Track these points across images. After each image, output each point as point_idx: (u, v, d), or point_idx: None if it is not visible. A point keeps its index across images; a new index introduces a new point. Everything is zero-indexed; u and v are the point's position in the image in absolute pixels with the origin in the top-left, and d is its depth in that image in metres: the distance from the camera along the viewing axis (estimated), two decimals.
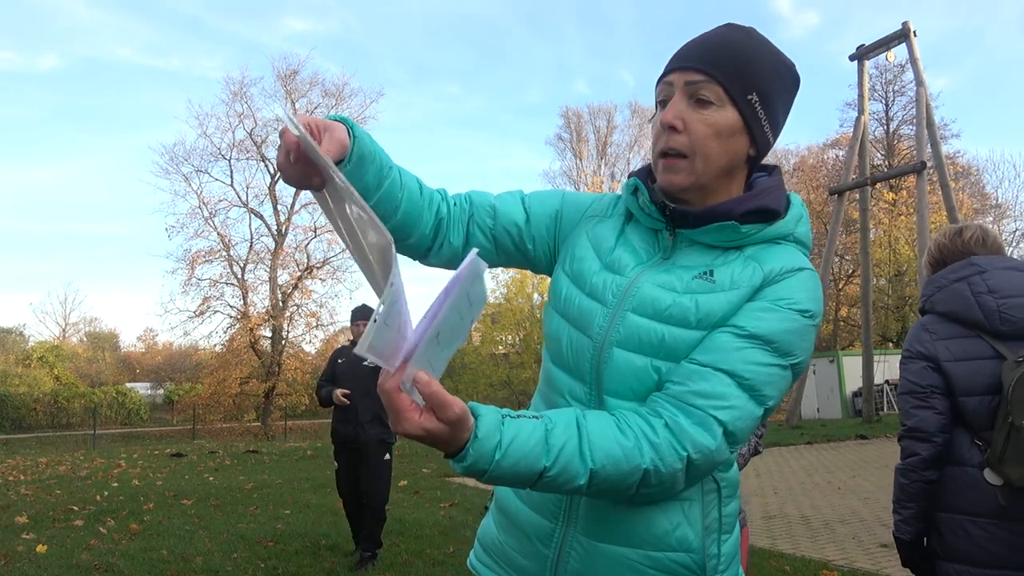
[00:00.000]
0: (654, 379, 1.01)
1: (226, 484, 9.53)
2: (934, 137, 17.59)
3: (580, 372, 1.07)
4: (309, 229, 29.28)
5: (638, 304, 1.04)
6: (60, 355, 35.88)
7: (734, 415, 0.96)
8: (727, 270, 1.04)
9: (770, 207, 1.06)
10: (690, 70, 1.03)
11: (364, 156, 0.99)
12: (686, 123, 1.02)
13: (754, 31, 1.08)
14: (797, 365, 1.01)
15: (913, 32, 17.66)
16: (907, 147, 30.72)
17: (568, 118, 39.00)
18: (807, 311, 1.01)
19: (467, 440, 0.85)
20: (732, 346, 0.98)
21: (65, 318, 44.52)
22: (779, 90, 1.06)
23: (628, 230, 1.14)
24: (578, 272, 1.12)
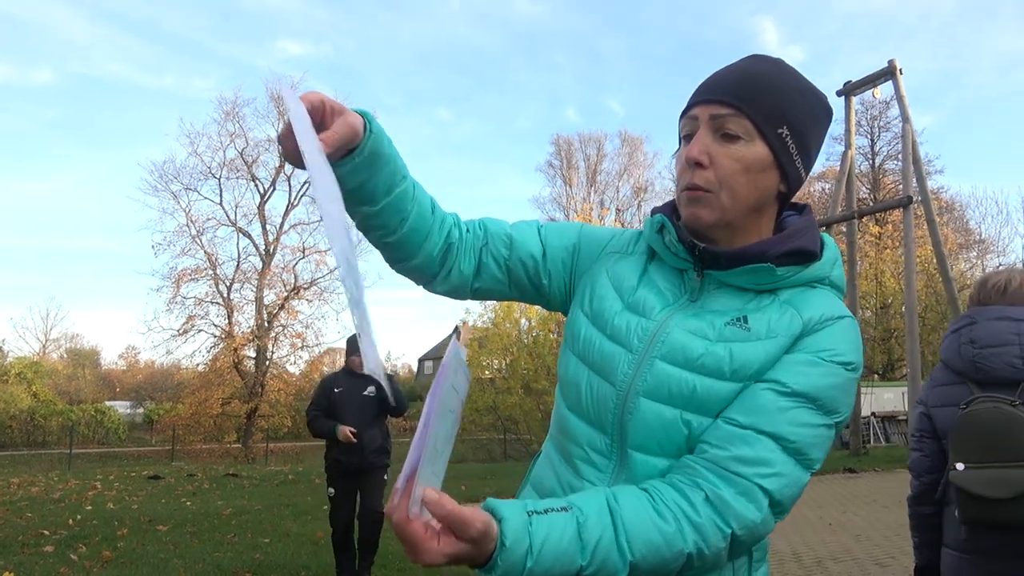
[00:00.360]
0: (683, 433, 0.93)
1: (204, 509, 9.30)
2: (920, 173, 17.79)
3: (601, 422, 0.99)
4: (297, 249, 29.18)
5: (668, 351, 0.96)
6: (39, 371, 35.27)
7: (780, 483, 0.88)
8: (762, 317, 0.96)
9: (807, 248, 0.99)
10: (715, 103, 0.97)
11: (378, 154, 0.92)
12: (712, 158, 0.96)
13: (783, 62, 1.02)
14: (841, 422, 0.94)
15: (899, 70, 17.94)
16: (892, 181, 31.12)
17: (559, 145, 39.32)
18: (850, 363, 0.94)
19: (493, 550, 0.76)
20: (775, 406, 0.90)
21: (46, 333, 43.97)
22: (811, 123, 0.99)
23: (651, 269, 1.07)
24: (598, 312, 1.05)
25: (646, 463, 0.95)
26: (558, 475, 1.04)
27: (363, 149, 0.91)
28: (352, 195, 0.95)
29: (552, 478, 1.05)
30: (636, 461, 0.96)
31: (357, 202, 0.97)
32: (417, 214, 1.02)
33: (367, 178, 0.93)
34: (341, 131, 0.86)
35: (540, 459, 1.13)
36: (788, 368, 0.92)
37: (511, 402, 21.42)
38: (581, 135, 39.62)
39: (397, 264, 1.08)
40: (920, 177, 17.93)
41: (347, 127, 0.87)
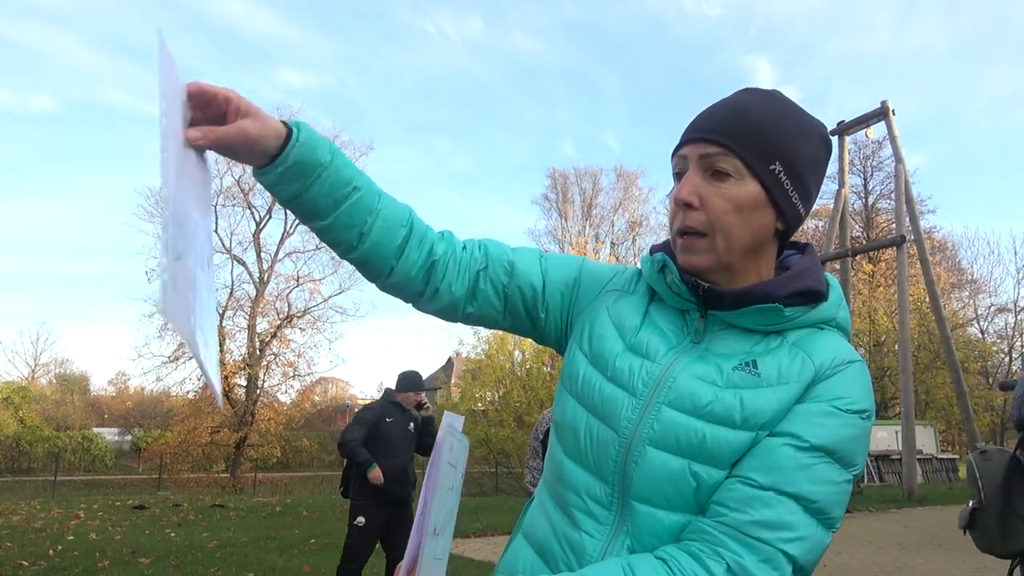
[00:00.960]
0: (691, 485, 0.88)
1: (188, 541, 9.12)
2: (913, 212, 17.96)
3: (601, 470, 0.94)
4: (292, 278, 29.13)
5: (675, 397, 0.91)
6: (27, 396, 34.88)
7: (804, 547, 0.83)
8: (772, 361, 0.92)
9: (814, 288, 0.96)
10: (704, 141, 0.93)
11: (307, 164, 0.90)
12: (702, 199, 0.92)
13: (777, 93, 0.98)
14: (857, 475, 0.90)
15: (892, 111, 18.20)
16: (885, 220, 31.39)
17: (555, 179, 39.54)
18: (865, 411, 0.90)
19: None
20: (795, 463, 0.85)
21: (36, 358, 43.52)
22: (807, 157, 0.95)
23: (652, 309, 1.02)
24: (598, 352, 1.00)
25: (651, 516, 0.90)
26: (553, 525, 0.99)
27: (285, 158, 0.89)
28: (294, 208, 0.95)
29: (546, 528, 1.00)
30: (640, 513, 0.91)
31: (304, 216, 0.96)
32: (381, 228, 0.98)
33: (301, 189, 0.92)
34: (226, 133, 0.85)
35: (533, 506, 1.07)
36: (804, 420, 0.88)
37: (503, 435, 21.24)
38: (577, 169, 39.92)
39: (376, 282, 1.05)
40: (913, 216, 18.10)
41: (239, 131, 0.86)
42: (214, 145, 0.85)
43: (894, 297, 21.63)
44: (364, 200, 0.96)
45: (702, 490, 0.89)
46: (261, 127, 0.87)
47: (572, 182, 39.34)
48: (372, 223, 0.97)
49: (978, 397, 24.61)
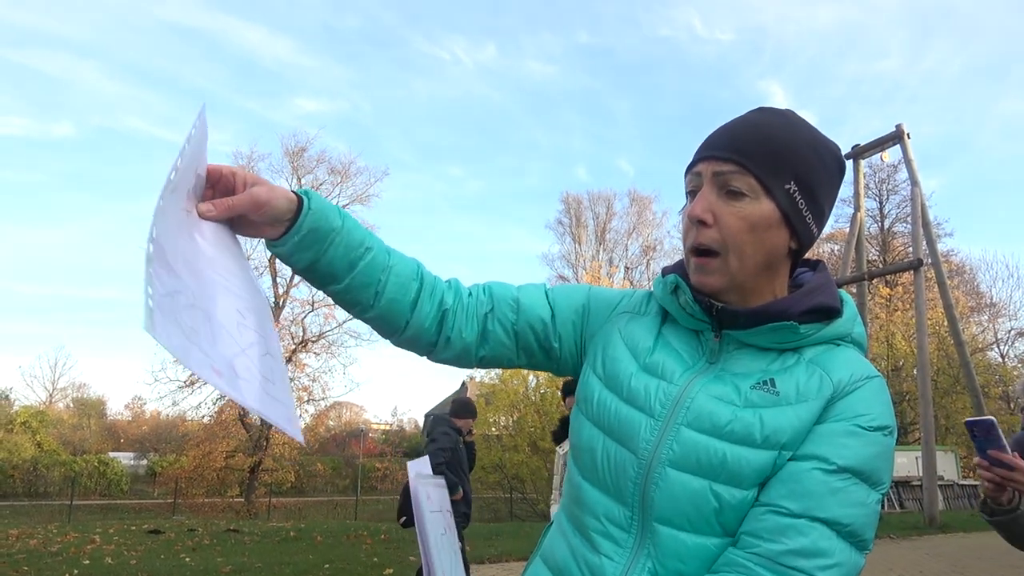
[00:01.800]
0: (713, 506, 0.88)
1: (203, 566, 9.11)
2: (930, 235, 17.86)
3: (620, 493, 0.94)
4: (307, 303, 29.29)
5: (694, 418, 0.91)
6: (44, 421, 35.12)
7: (841, 573, 0.83)
8: (790, 379, 0.92)
9: (829, 305, 0.96)
10: (718, 159, 0.93)
11: (321, 230, 0.92)
12: (716, 217, 0.92)
13: (791, 114, 0.99)
14: (885, 494, 0.90)
15: (907, 134, 18.17)
16: (901, 244, 31.19)
17: (568, 203, 39.67)
18: (886, 428, 0.90)
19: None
20: (825, 487, 0.85)
21: (53, 383, 43.85)
22: (821, 177, 0.96)
23: (665, 331, 1.03)
24: (612, 374, 1.00)
25: (673, 538, 0.89)
26: (572, 549, 0.98)
27: (300, 226, 0.90)
28: (310, 275, 0.95)
29: (565, 551, 0.99)
30: (662, 535, 0.90)
31: (321, 282, 0.96)
32: (394, 284, 0.99)
33: (318, 256, 0.93)
34: (238, 201, 0.86)
35: (552, 530, 1.06)
36: (828, 441, 0.87)
37: (518, 460, 21.11)
38: (591, 193, 40.10)
39: (391, 338, 1.06)
40: (930, 240, 17.99)
41: (249, 198, 0.87)
42: (227, 215, 0.86)
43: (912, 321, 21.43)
44: (376, 259, 0.98)
45: (724, 510, 0.88)
46: (270, 191, 0.88)
47: (586, 206, 39.48)
48: (386, 280, 0.98)
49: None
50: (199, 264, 0.76)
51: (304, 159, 30.09)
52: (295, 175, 29.83)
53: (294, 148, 30.05)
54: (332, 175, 30.28)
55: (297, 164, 29.95)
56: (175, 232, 0.74)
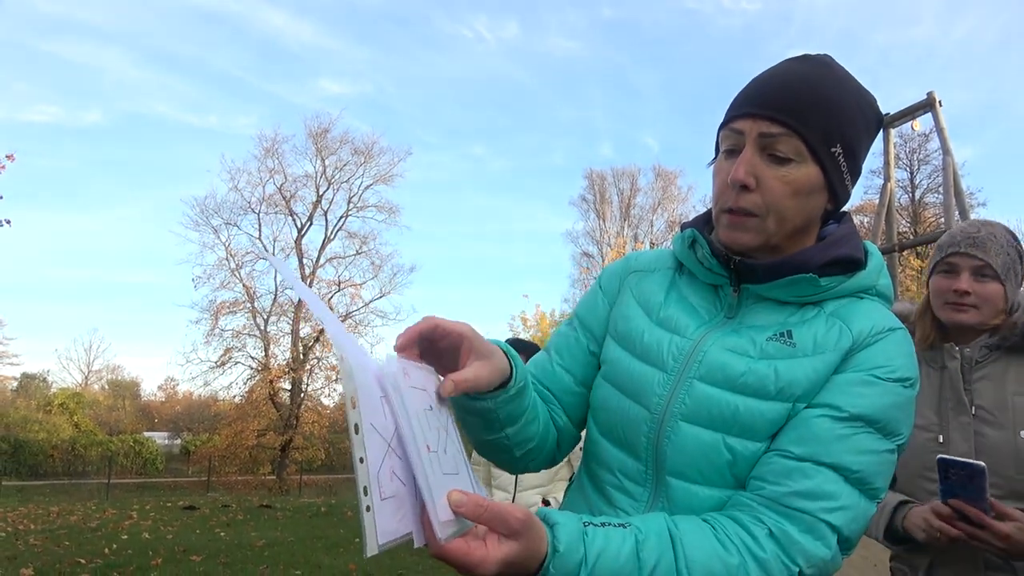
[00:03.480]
0: (726, 458, 0.87)
1: (237, 540, 9.31)
2: (962, 205, 17.43)
3: (634, 447, 0.94)
4: (333, 283, 29.56)
5: (707, 371, 0.90)
6: (81, 402, 36.01)
7: (847, 517, 0.82)
8: (808, 331, 0.90)
9: (852, 256, 0.93)
10: (765, 119, 0.88)
11: (527, 385, 0.91)
12: (760, 180, 0.88)
13: (832, 62, 0.94)
14: (903, 445, 0.87)
15: (939, 102, 17.72)
16: (932, 215, 30.57)
17: (592, 180, 39.38)
18: (908, 379, 0.88)
19: (544, 557, 0.71)
20: (834, 433, 0.83)
21: (88, 365, 44.90)
22: (862, 136, 0.92)
23: (680, 284, 1.01)
24: (624, 333, 1.00)
25: (687, 491, 0.89)
26: (589, 504, 0.99)
27: (515, 381, 0.87)
28: (504, 420, 0.91)
29: (582, 507, 1.00)
30: (675, 488, 0.90)
31: (504, 425, 0.92)
32: (539, 405, 0.99)
33: (517, 405, 0.90)
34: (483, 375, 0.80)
35: (572, 488, 1.07)
36: (842, 390, 0.86)
37: None
38: (614, 169, 39.67)
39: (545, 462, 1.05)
40: (962, 210, 17.57)
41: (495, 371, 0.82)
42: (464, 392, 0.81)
43: None
44: (532, 393, 0.96)
45: (738, 463, 0.87)
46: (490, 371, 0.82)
47: (610, 183, 39.19)
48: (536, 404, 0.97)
49: None
50: None
51: (327, 140, 30.19)
52: (319, 156, 29.97)
53: (317, 129, 30.16)
54: (355, 155, 30.36)
55: (320, 145, 30.07)
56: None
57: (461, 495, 0.68)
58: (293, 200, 29.53)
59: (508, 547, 0.68)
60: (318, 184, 30.02)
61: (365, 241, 30.16)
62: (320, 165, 30.01)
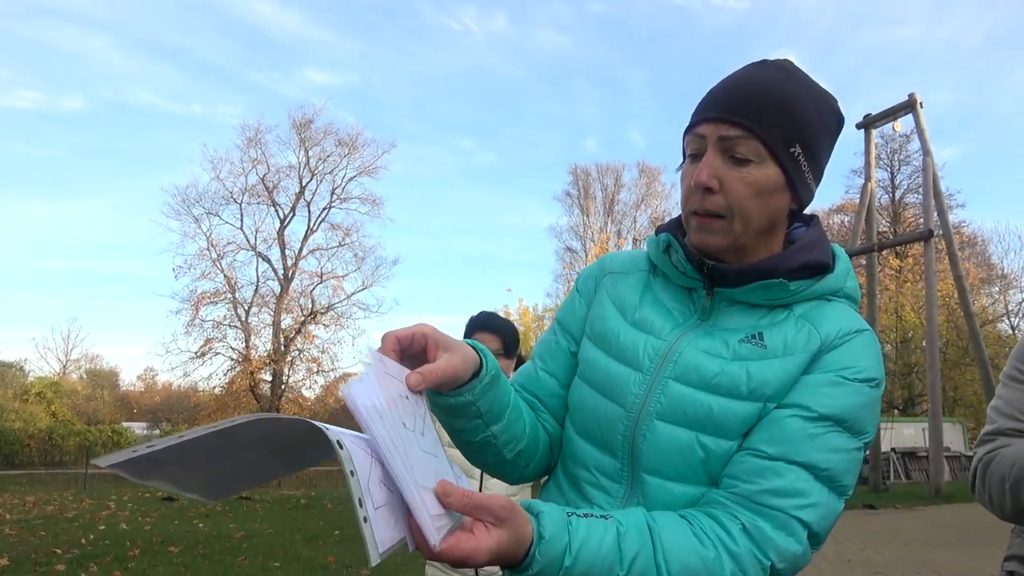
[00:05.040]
0: (700, 456, 0.90)
1: (216, 532, 9.29)
2: (941, 206, 17.71)
3: (610, 445, 0.96)
4: (315, 274, 29.44)
5: (681, 371, 0.93)
6: (58, 391, 35.59)
7: (818, 513, 0.84)
8: (778, 333, 0.93)
9: (820, 261, 0.96)
10: (724, 123, 0.91)
11: (499, 375, 0.94)
12: (723, 182, 0.91)
13: (791, 67, 0.97)
14: (868, 443, 0.91)
15: (919, 103, 17.94)
16: (912, 215, 30.96)
17: (576, 175, 39.46)
18: (874, 380, 0.91)
19: (530, 544, 0.73)
20: (804, 433, 0.86)
21: (67, 354, 44.33)
22: (822, 137, 0.95)
23: (655, 286, 1.04)
24: (601, 333, 1.02)
25: (661, 487, 0.92)
26: (566, 501, 1.01)
27: (488, 371, 0.90)
28: (487, 416, 0.94)
29: (559, 503, 1.00)
30: (650, 485, 0.92)
31: (489, 422, 0.95)
32: (525, 408, 1.02)
33: (495, 397, 0.93)
34: (444, 373, 0.82)
35: (548, 485, 1.09)
36: (811, 391, 0.88)
37: None
38: (599, 165, 39.79)
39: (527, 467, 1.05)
40: (941, 210, 17.84)
41: (465, 361, 0.85)
42: (435, 385, 0.82)
43: (922, 292, 21.36)
44: (509, 384, 0.99)
45: (711, 461, 0.90)
46: (462, 360, 0.85)
47: (594, 178, 39.28)
48: (520, 404, 1.00)
49: None
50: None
51: (311, 131, 30.02)
52: (302, 147, 29.78)
53: (301, 120, 29.97)
54: (339, 147, 30.22)
55: (304, 136, 29.89)
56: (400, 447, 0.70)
57: (448, 485, 0.71)
58: (276, 191, 29.37)
59: (496, 535, 0.71)
60: (301, 175, 29.87)
61: (348, 233, 30.08)
62: (303, 156, 29.86)
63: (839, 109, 0.98)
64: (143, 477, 0.65)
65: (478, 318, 2.67)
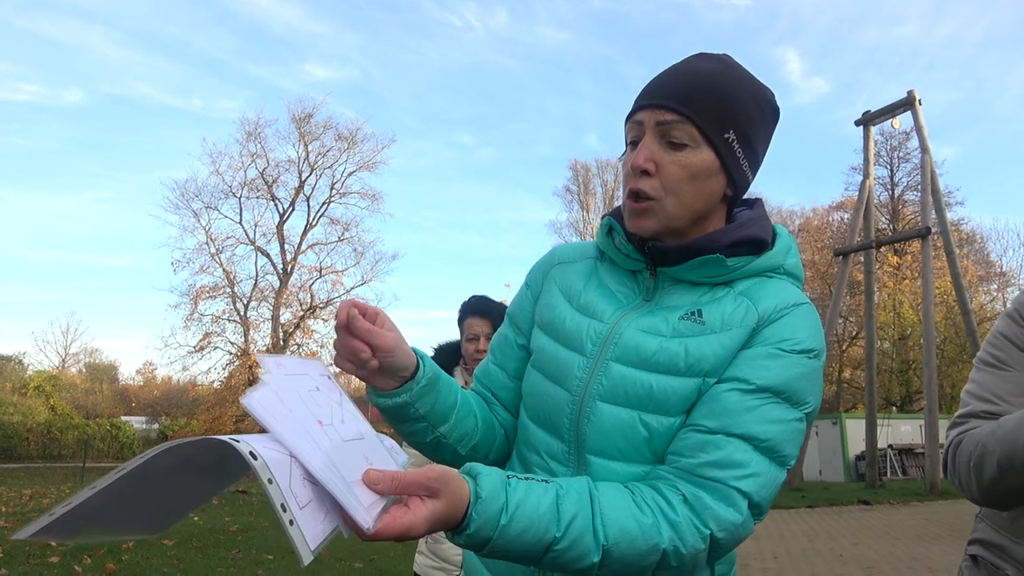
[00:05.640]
0: (643, 435, 0.92)
1: (211, 525, 9.31)
2: (939, 203, 17.69)
3: (558, 429, 0.98)
4: (314, 269, 29.47)
5: (622, 352, 0.95)
6: (57, 385, 35.61)
7: (758, 483, 0.86)
8: (717, 309, 0.95)
9: (757, 237, 0.98)
10: (661, 108, 0.94)
11: (436, 378, 0.97)
12: (658, 166, 0.94)
13: (729, 59, 1.00)
14: (811, 414, 0.92)
15: (918, 100, 17.92)
16: (912, 212, 30.94)
17: (576, 171, 39.43)
18: (812, 351, 0.92)
19: (468, 505, 0.76)
20: (742, 405, 0.88)
21: (66, 348, 44.41)
22: (758, 125, 0.98)
23: (601, 271, 1.06)
24: (548, 321, 1.05)
25: (606, 467, 0.93)
26: None
27: (425, 373, 0.94)
28: (430, 418, 0.98)
29: None
30: (595, 466, 0.94)
31: (435, 424, 0.98)
32: (477, 403, 1.06)
33: (436, 400, 0.97)
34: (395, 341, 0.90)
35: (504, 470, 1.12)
36: (749, 364, 0.90)
37: None
38: (599, 160, 39.76)
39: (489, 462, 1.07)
40: (939, 208, 17.83)
41: (403, 353, 0.92)
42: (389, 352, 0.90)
43: (920, 290, 21.36)
44: (454, 386, 1.02)
45: (654, 439, 0.92)
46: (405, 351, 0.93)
47: (594, 174, 39.26)
48: (465, 401, 1.03)
49: None
50: None
51: (311, 125, 29.99)
52: (302, 141, 29.75)
53: (301, 114, 29.95)
54: (339, 141, 30.21)
55: (304, 130, 29.87)
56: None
57: (377, 474, 0.72)
58: (275, 185, 29.39)
59: (431, 505, 0.73)
60: (301, 169, 29.87)
61: (348, 228, 30.10)
62: (303, 150, 29.85)
63: (775, 102, 1.01)
64: (73, 535, 0.64)
65: (469, 302, 2.67)
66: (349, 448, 0.73)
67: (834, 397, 30.55)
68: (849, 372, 31.46)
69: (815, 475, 23.11)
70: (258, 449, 0.64)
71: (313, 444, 0.69)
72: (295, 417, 0.70)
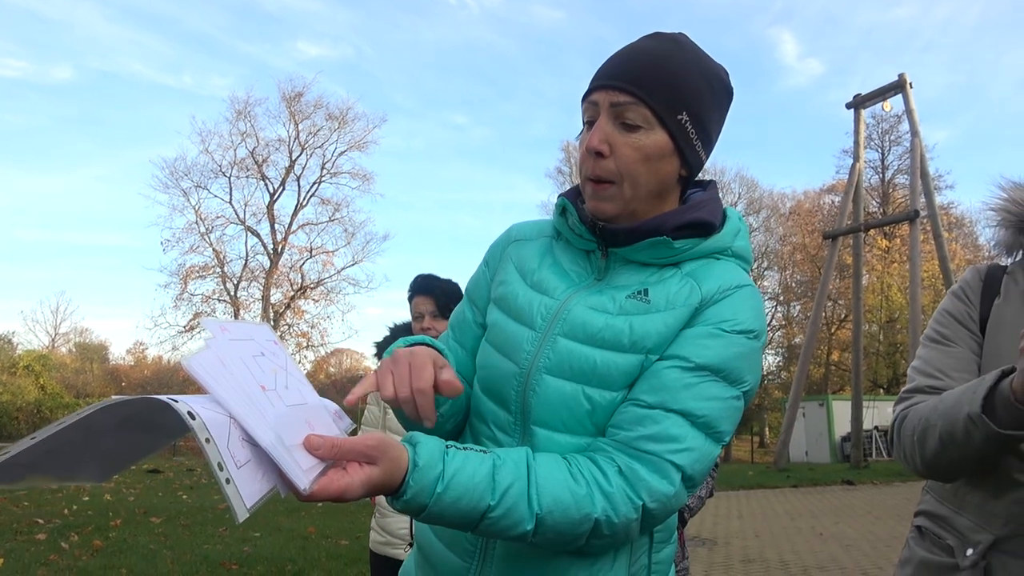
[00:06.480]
0: (585, 408, 0.95)
1: (199, 503, 9.37)
2: (928, 187, 17.75)
3: (505, 400, 1.01)
4: (305, 249, 29.39)
5: (569, 328, 0.97)
6: (47, 364, 35.50)
7: (691, 458, 0.89)
8: (663, 289, 0.97)
9: (704, 220, 1.00)
10: (615, 89, 0.95)
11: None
12: (613, 147, 0.95)
13: (683, 39, 1.01)
14: (749, 392, 0.95)
15: (909, 83, 17.92)
16: (902, 196, 31.01)
17: (568, 152, 39.23)
18: (752, 331, 0.95)
19: (406, 473, 0.79)
20: (681, 382, 0.91)
21: (55, 327, 44.15)
22: (711, 106, 0.99)
23: (556, 250, 1.08)
24: (502, 296, 1.07)
25: (549, 439, 0.96)
26: None
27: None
28: None
29: None
30: (539, 437, 0.97)
31: None
32: None
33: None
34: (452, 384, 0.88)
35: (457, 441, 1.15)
36: (690, 342, 0.93)
37: None
38: None
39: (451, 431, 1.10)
40: (928, 191, 17.90)
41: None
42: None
43: (908, 273, 21.49)
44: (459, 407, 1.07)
45: (597, 412, 0.94)
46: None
47: None
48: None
49: None
50: None
51: (301, 104, 29.80)
52: (292, 120, 29.54)
53: (291, 93, 29.73)
54: (330, 121, 30.03)
55: (294, 109, 29.65)
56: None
57: (317, 439, 0.74)
58: (265, 164, 29.24)
59: (368, 470, 0.76)
60: (291, 149, 29.70)
61: (338, 208, 30.00)
62: (293, 129, 29.66)
63: (729, 82, 1.02)
64: (14, 482, 0.67)
65: (415, 281, 2.69)
66: (291, 413, 0.75)
67: (822, 379, 30.82)
68: (837, 355, 31.69)
69: (801, 456, 23.36)
70: (197, 409, 0.66)
71: (253, 407, 0.70)
72: (236, 381, 0.71)
